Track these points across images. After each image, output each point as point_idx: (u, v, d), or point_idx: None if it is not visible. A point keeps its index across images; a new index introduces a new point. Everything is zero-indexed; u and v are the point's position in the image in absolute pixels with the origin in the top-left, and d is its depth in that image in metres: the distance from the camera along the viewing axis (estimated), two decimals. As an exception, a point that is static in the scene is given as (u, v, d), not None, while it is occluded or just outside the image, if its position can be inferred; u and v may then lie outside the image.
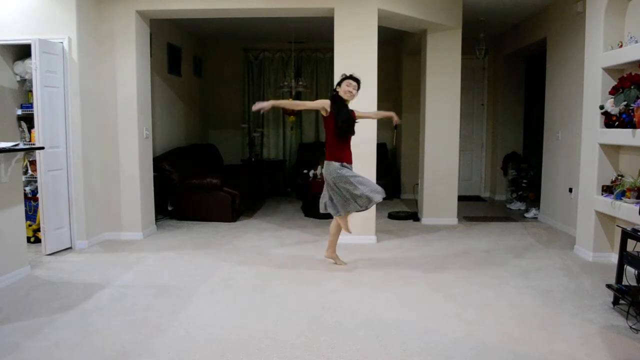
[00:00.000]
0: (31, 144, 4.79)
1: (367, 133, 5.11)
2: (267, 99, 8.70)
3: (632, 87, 3.88)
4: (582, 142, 4.63)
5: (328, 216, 5.99)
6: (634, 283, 3.28)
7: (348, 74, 4.18)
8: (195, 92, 8.23)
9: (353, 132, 4.14)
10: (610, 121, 4.18)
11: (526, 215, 6.62)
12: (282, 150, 9.01)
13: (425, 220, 6.15)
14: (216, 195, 6.14)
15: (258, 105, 3.98)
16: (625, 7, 4.24)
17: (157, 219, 5.86)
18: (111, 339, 2.85)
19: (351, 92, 4.08)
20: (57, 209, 4.71)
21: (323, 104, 4.09)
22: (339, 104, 4.09)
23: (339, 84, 4.14)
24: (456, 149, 6.06)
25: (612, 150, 4.34)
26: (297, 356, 2.65)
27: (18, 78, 5.04)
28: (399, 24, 5.73)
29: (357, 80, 4.15)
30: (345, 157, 4.10)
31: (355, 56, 5.06)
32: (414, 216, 6.41)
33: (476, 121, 8.33)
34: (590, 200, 4.45)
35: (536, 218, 6.43)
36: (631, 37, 3.98)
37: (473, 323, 3.09)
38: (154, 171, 5.74)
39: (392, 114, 4.47)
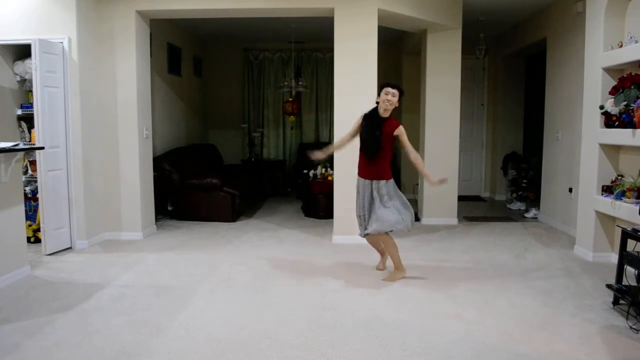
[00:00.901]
0: (31, 144, 4.79)
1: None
2: (267, 99, 8.83)
3: (632, 87, 3.88)
4: (582, 142, 4.63)
5: (327, 216, 6.02)
6: (634, 283, 3.28)
7: (386, 82, 3.93)
8: (195, 92, 8.23)
9: (378, 149, 3.81)
10: (610, 121, 4.18)
11: (526, 215, 6.62)
12: (282, 150, 9.01)
13: (425, 220, 6.15)
14: (216, 195, 6.14)
15: (315, 156, 4.05)
16: (625, 7, 4.24)
17: (157, 219, 5.86)
18: (111, 339, 2.85)
19: (390, 100, 3.77)
20: (57, 209, 4.71)
21: (357, 125, 3.99)
22: (371, 118, 3.88)
23: (379, 94, 3.88)
24: (456, 149, 6.06)
25: (612, 150, 4.34)
26: (297, 356, 2.65)
27: (18, 78, 5.04)
28: (399, 24, 5.73)
29: (395, 86, 3.84)
30: (364, 172, 3.94)
31: (355, 56, 5.06)
32: (414, 216, 6.40)
33: (476, 121, 8.33)
34: (590, 200, 4.45)
35: (536, 218, 6.42)
36: (631, 37, 3.98)
37: (473, 323, 3.09)
38: (154, 171, 5.74)
39: (434, 180, 3.87)
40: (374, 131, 3.81)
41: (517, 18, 6.71)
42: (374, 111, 3.90)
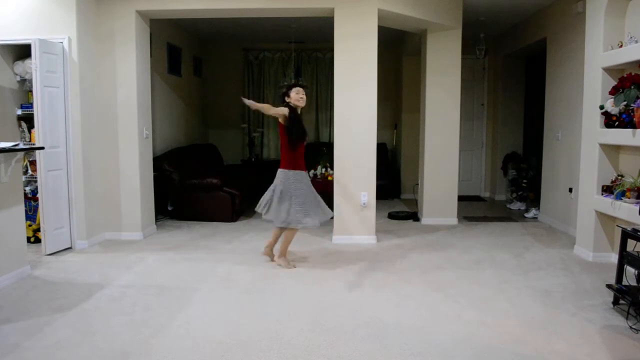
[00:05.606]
0: (31, 144, 4.79)
1: (367, 133, 5.12)
2: (267, 99, 8.84)
3: (632, 87, 3.88)
4: (582, 142, 4.63)
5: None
6: (634, 283, 3.27)
7: (293, 83, 4.34)
8: (195, 92, 8.23)
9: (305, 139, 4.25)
10: (610, 121, 4.19)
11: (526, 215, 6.62)
12: (282, 150, 9.00)
13: (425, 220, 6.15)
14: (216, 195, 6.14)
15: (249, 102, 4.04)
16: (625, 7, 4.24)
17: (157, 219, 5.85)
18: (111, 339, 2.85)
19: (303, 97, 4.17)
20: (57, 209, 4.71)
21: (284, 112, 4.11)
22: (297, 115, 4.19)
23: (287, 94, 4.18)
24: (456, 149, 6.06)
25: (612, 150, 4.34)
26: (297, 356, 2.65)
27: (18, 78, 5.04)
28: (399, 24, 5.73)
29: (304, 86, 4.27)
30: (303, 164, 4.26)
31: (355, 56, 5.06)
32: (414, 216, 6.41)
33: (476, 121, 8.33)
34: (590, 200, 4.45)
35: (536, 218, 6.43)
36: (631, 37, 3.98)
37: (473, 323, 3.09)
38: (154, 171, 5.74)
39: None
40: (303, 126, 4.22)
41: (517, 18, 6.72)
42: (295, 109, 4.17)
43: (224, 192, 6.15)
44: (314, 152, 7.92)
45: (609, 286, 3.41)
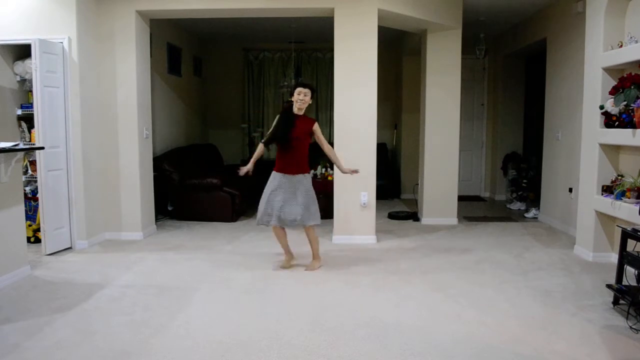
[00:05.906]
0: (31, 144, 4.79)
1: (367, 133, 5.12)
2: (267, 100, 8.84)
3: (632, 87, 3.88)
4: (582, 142, 4.63)
5: (327, 216, 6.01)
6: (634, 283, 3.27)
7: (298, 83, 4.26)
8: (195, 92, 8.23)
9: (286, 140, 4.05)
10: (610, 121, 4.19)
11: (526, 215, 6.62)
12: (282, 150, 8.99)
13: (425, 220, 6.15)
14: (216, 195, 6.14)
15: (244, 170, 4.24)
16: (625, 7, 4.24)
17: (157, 219, 5.85)
18: (111, 339, 2.85)
19: (302, 99, 4.09)
20: (57, 209, 4.71)
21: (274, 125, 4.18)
22: (286, 115, 4.13)
23: (291, 94, 4.17)
24: (456, 149, 6.06)
25: (612, 150, 4.34)
26: (297, 356, 2.65)
27: (18, 78, 5.04)
28: (399, 24, 5.73)
29: (307, 86, 4.16)
30: (287, 168, 4.10)
31: (355, 56, 5.06)
32: (414, 216, 6.41)
33: (476, 121, 8.33)
34: (590, 200, 4.45)
35: (536, 218, 6.43)
36: (631, 37, 3.98)
37: (473, 323, 3.09)
38: (154, 171, 5.74)
39: (346, 169, 4.35)
40: (288, 126, 4.07)
41: (517, 18, 6.71)
42: (289, 110, 4.15)
43: (224, 192, 6.16)
44: (314, 152, 7.92)
45: (609, 286, 3.41)
